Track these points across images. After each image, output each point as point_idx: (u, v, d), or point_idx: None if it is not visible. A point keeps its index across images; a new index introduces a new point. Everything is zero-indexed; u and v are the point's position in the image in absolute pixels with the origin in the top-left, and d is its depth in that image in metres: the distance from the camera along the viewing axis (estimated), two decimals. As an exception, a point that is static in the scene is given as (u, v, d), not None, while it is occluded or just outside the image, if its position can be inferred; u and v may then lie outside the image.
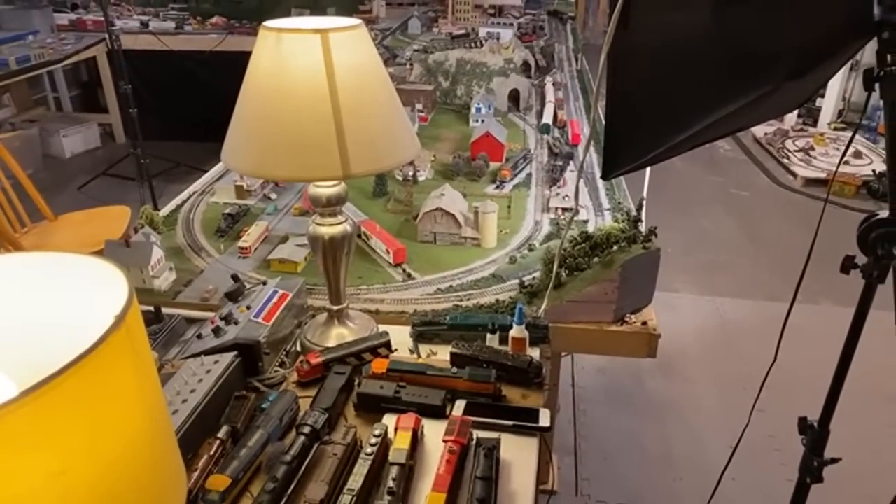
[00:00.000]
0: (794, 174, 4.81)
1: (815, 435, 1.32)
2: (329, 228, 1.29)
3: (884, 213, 1.19)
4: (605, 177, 1.32)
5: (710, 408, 2.56)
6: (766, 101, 1.21)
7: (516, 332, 1.35)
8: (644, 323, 1.52)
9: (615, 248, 1.59)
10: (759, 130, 5.65)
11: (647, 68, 1.18)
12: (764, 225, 4.21)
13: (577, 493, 2.14)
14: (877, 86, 1.11)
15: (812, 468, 1.32)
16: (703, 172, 5.02)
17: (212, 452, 1.07)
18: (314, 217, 1.31)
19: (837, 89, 5.76)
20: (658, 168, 1.60)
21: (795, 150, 5.16)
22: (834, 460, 1.33)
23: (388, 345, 1.32)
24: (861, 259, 1.20)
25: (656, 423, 2.49)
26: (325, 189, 1.26)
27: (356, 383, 1.24)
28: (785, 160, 5.02)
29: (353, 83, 1.12)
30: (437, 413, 1.17)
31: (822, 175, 4.70)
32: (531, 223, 2.00)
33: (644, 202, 1.76)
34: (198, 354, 1.24)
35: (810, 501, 1.38)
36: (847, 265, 1.21)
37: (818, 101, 6.06)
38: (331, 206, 1.28)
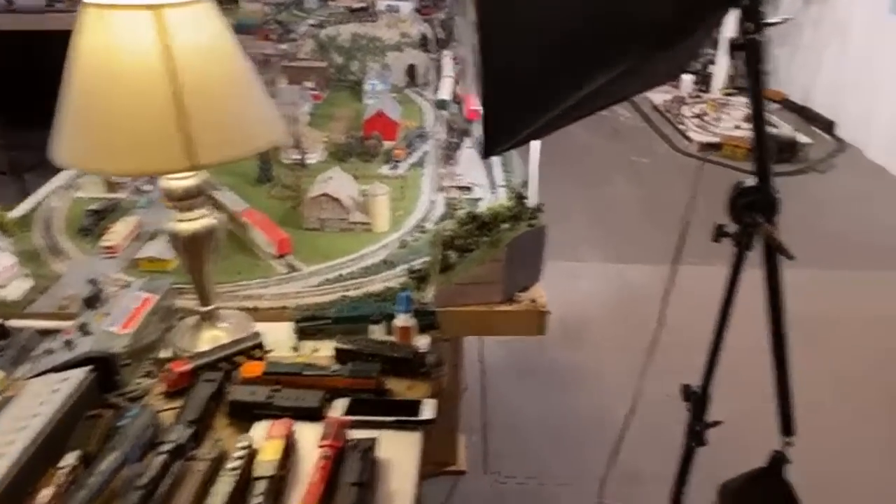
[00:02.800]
0: (689, 139, 4.99)
1: (696, 400, 1.35)
2: (189, 224, 1.19)
3: (751, 181, 1.21)
4: (487, 154, 1.28)
5: (615, 373, 2.62)
6: (641, 70, 1.20)
7: (401, 321, 1.30)
8: (533, 301, 1.50)
9: (505, 226, 1.56)
10: (658, 97, 5.82)
11: (519, 38, 1.13)
12: (664, 190, 4.35)
13: (485, 470, 2.14)
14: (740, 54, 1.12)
15: (696, 433, 1.36)
16: (605, 141, 5.13)
17: (59, 482, 0.96)
18: (173, 213, 1.20)
19: (728, 55, 6.01)
20: (560, 139, 1.57)
21: (691, 116, 5.36)
22: (716, 423, 1.36)
23: (260, 345, 1.24)
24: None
25: (563, 392, 2.54)
26: (179, 181, 1.15)
27: (228, 390, 1.15)
28: (681, 126, 5.21)
29: (197, 64, 1.02)
30: (315, 415, 1.10)
31: (716, 139, 4.90)
32: (426, 204, 1.94)
33: (531, 178, 1.74)
34: (45, 372, 1.12)
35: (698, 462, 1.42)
36: (718, 234, 1.23)
37: (710, 68, 6.30)
38: (189, 199, 1.17)
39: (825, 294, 3.17)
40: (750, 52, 1.09)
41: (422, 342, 1.33)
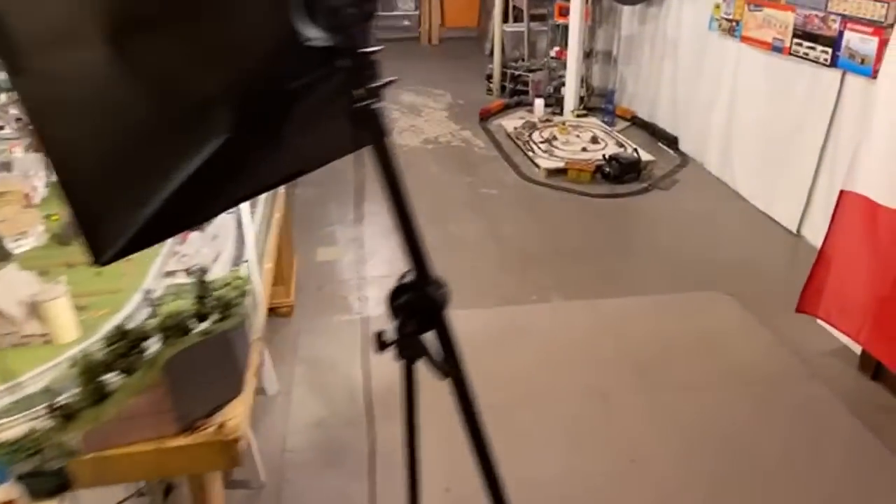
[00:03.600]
0: (538, 166, 4.92)
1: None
2: None
3: (412, 276, 0.98)
4: (99, 262, 0.99)
5: (431, 446, 2.37)
6: (267, 153, 0.96)
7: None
8: (221, 426, 1.21)
9: (200, 329, 1.27)
10: (510, 124, 5.75)
11: (69, 122, 0.85)
12: (508, 223, 4.21)
13: None
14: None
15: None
16: (455, 175, 4.98)
17: None
18: None
19: (575, 77, 6.06)
20: (411, 174, 1.30)
21: (541, 142, 5.30)
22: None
23: None
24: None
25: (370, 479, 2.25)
26: None
27: None
28: (531, 153, 5.13)
29: None
30: None
31: (562, 164, 4.85)
32: (140, 297, 1.62)
33: (248, 258, 1.47)
34: None
35: None
36: (380, 345, 0.99)
37: (562, 91, 6.32)
38: None
39: (664, 320, 3.09)
40: (368, 122, 0.87)
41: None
